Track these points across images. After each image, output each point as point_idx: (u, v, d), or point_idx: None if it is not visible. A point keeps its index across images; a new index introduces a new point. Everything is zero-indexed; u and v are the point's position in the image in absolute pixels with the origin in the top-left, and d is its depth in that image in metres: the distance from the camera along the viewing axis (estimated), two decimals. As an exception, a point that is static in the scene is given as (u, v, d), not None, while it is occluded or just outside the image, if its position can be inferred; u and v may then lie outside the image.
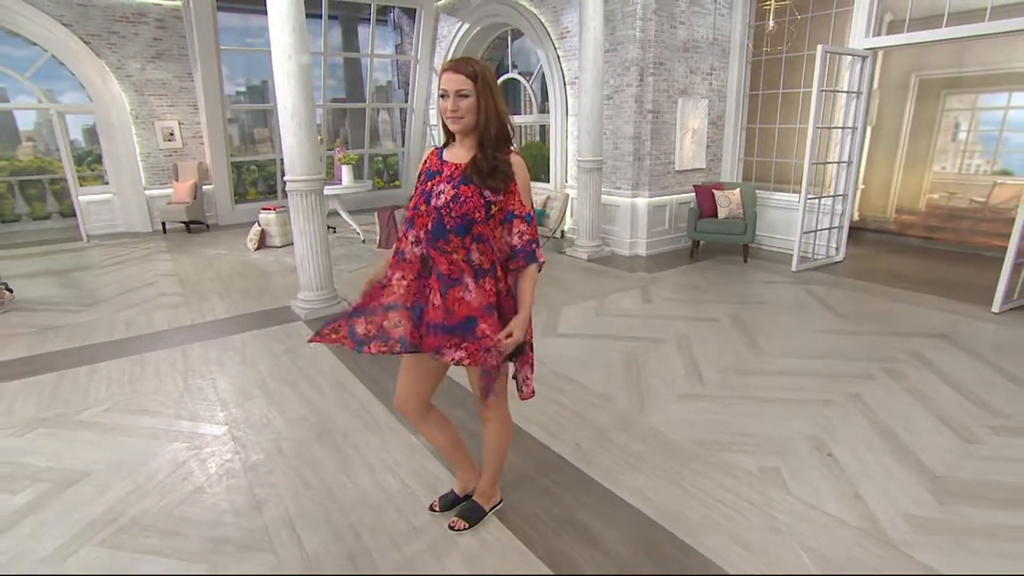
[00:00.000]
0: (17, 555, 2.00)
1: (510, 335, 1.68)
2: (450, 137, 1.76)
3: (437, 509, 2.18)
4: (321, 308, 4.44)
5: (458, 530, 2.07)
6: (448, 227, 1.66)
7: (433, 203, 1.68)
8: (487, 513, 2.14)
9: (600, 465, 2.49)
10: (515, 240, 1.72)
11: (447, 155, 1.76)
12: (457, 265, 1.69)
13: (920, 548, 1.97)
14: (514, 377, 1.89)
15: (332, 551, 2.01)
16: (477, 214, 1.66)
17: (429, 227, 1.69)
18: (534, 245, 1.73)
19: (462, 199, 1.66)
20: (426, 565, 1.93)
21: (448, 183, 1.69)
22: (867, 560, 1.93)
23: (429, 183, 1.73)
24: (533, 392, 1.89)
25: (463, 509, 2.13)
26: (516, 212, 1.72)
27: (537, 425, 2.82)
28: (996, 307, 4.32)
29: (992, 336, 3.95)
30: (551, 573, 1.88)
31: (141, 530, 2.13)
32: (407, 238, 1.75)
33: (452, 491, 2.22)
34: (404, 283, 1.75)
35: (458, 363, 1.70)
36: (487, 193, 1.67)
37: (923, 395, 3.09)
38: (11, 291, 5.25)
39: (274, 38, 3.95)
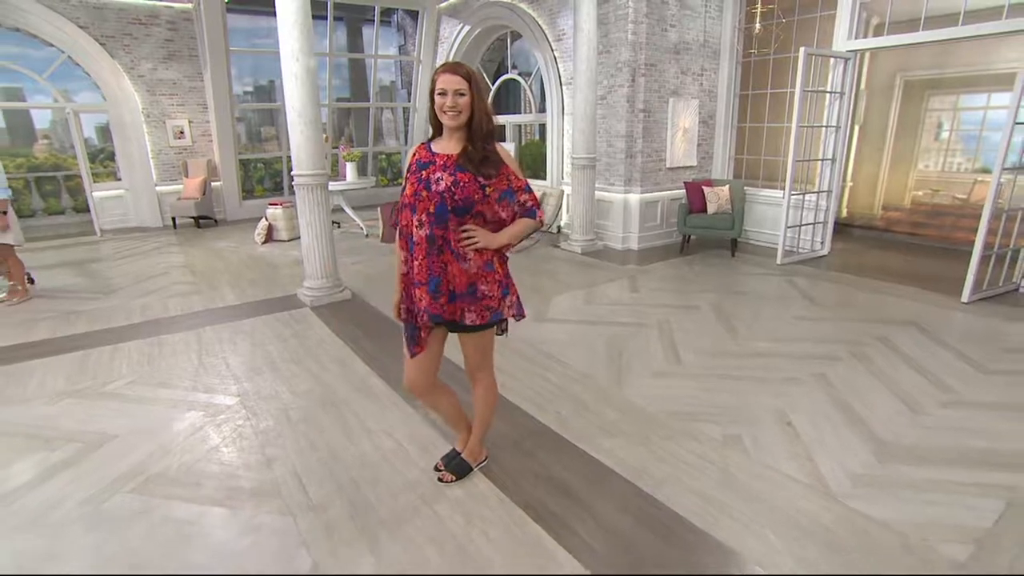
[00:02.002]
0: (61, 498, 2.27)
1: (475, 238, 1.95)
2: (437, 131, 2.01)
3: (442, 468, 2.42)
4: (326, 295, 4.71)
5: (447, 482, 2.33)
6: (450, 207, 1.91)
7: (435, 188, 1.91)
8: (473, 468, 2.40)
9: (577, 431, 2.74)
10: (517, 209, 2.01)
11: (436, 147, 1.99)
12: (461, 240, 1.95)
13: (855, 499, 2.22)
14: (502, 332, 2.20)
15: (335, 500, 2.27)
16: (476, 195, 1.93)
17: (431, 209, 1.92)
18: (535, 207, 2.03)
19: (461, 184, 1.91)
20: (418, 511, 2.19)
21: (444, 171, 1.93)
22: (809, 509, 2.17)
23: (424, 172, 1.96)
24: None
25: (452, 464, 2.39)
26: (515, 187, 1.99)
27: (523, 398, 3.07)
28: (965, 297, 4.54)
29: (957, 324, 4.17)
30: (532, 521, 2.14)
31: (166, 481, 2.40)
32: (413, 222, 1.96)
33: (454, 449, 2.48)
34: (417, 262, 1.97)
35: (472, 323, 1.99)
36: (481, 179, 1.93)
37: (884, 375, 3.33)
38: (33, 281, 5.54)
39: (282, 41, 4.22)
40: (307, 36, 4.24)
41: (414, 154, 2.03)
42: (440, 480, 2.34)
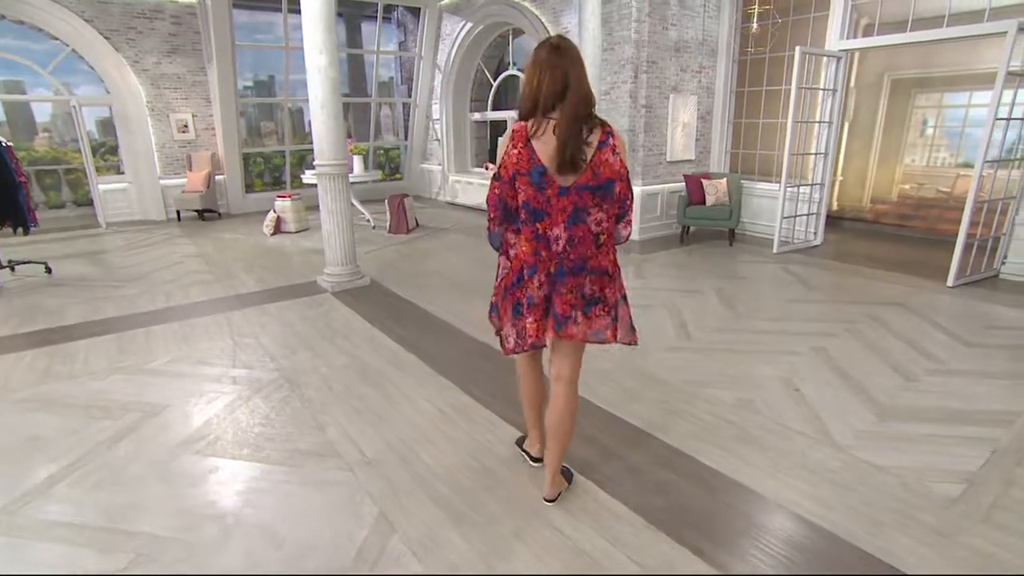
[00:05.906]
0: (133, 458, 2.45)
1: None
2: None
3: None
4: (346, 281, 4.89)
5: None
6: None
7: None
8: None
9: (600, 395, 2.97)
10: None
11: None
12: None
13: (859, 449, 2.47)
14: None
15: (387, 456, 2.47)
16: None
17: None
18: None
19: None
20: (464, 462, 2.40)
21: None
22: (819, 457, 2.43)
23: None
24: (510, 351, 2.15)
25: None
26: None
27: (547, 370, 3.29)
28: (950, 282, 4.85)
29: (942, 305, 4.47)
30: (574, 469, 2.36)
31: (227, 444, 2.58)
32: None
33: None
34: None
35: None
36: None
37: (877, 347, 3.61)
38: (50, 271, 5.64)
39: (307, 36, 4.38)
40: (331, 31, 4.41)
41: None
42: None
